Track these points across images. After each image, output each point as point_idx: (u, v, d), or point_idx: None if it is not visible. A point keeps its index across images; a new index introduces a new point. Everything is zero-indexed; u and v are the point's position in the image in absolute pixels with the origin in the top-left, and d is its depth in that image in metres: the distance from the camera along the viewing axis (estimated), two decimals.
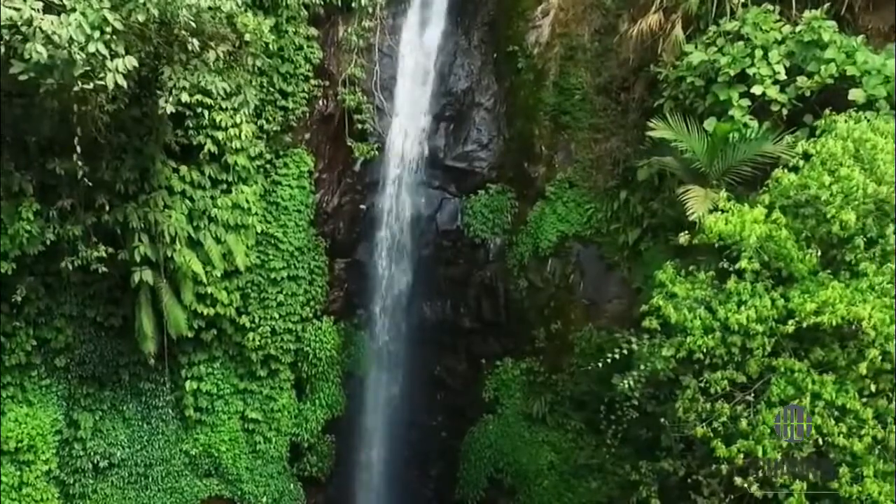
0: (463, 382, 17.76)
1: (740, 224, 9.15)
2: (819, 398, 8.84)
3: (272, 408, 17.67)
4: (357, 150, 16.39)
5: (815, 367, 9.12)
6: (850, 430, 8.60)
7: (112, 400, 16.83)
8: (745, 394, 9.51)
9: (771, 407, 9.13)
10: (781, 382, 9.17)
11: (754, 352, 9.34)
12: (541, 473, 16.61)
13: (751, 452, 9.05)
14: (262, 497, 17.94)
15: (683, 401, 9.98)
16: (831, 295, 8.58)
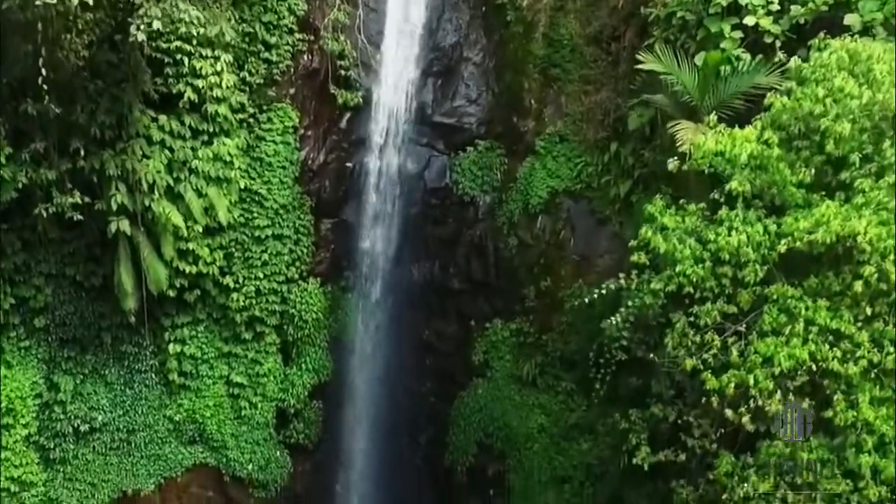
0: (452, 346, 17.38)
1: (731, 143, 8.78)
2: (812, 324, 8.47)
3: (257, 372, 17.30)
4: (341, 97, 16.01)
5: (808, 295, 8.74)
6: (845, 355, 8.23)
7: (93, 364, 16.47)
8: (737, 325, 9.13)
9: (763, 336, 8.76)
10: (774, 311, 8.80)
11: (745, 280, 8.96)
12: (531, 437, 16.24)
13: (742, 383, 8.68)
14: (247, 464, 17.58)
15: (673, 336, 9.60)
16: (825, 213, 8.22)
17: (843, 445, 8.25)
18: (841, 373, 8.23)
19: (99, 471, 16.71)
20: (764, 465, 8.69)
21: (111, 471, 16.80)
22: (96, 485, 16.67)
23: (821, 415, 8.48)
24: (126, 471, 16.93)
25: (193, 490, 17.73)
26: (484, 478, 16.92)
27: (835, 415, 8.25)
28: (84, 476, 16.59)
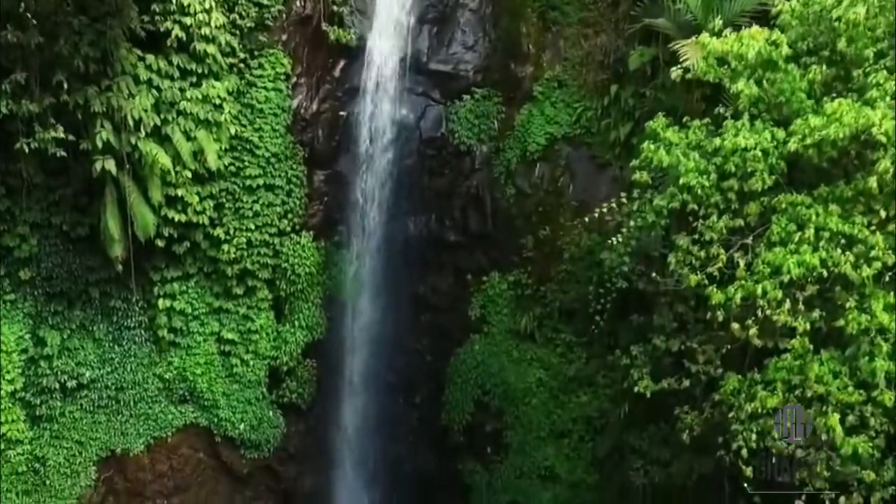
0: (449, 301, 16.97)
1: (738, 44, 8.38)
2: (823, 230, 8.08)
3: (249, 328, 16.89)
4: (333, 34, 15.58)
5: (818, 203, 8.36)
6: (858, 260, 7.84)
7: (81, 319, 16.07)
8: (743, 239, 8.74)
9: (771, 247, 8.38)
10: (782, 221, 8.42)
11: (753, 190, 8.58)
12: (529, 392, 15.87)
13: (750, 295, 8.29)
14: (239, 424, 17.18)
15: (677, 254, 9.21)
16: (837, 109, 7.82)
17: (856, 355, 7.87)
18: (853, 279, 7.84)
19: (86, 429, 16.31)
20: (772, 381, 8.29)
21: (99, 429, 16.40)
22: (84, 443, 16.27)
23: (831, 325, 8.09)
24: (114, 429, 16.53)
25: (184, 451, 17.33)
26: (482, 435, 16.54)
27: (847, 323, 7.86)
28: (71, 434, 16.19)
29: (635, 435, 13.02)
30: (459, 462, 16.94)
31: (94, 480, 16.42)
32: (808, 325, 8.03)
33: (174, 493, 17.31)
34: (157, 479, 17.13)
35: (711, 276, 8.72)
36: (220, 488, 17.72)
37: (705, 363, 9.57)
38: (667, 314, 10.85)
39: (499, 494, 16.20)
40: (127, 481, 16.93)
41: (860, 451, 7.61)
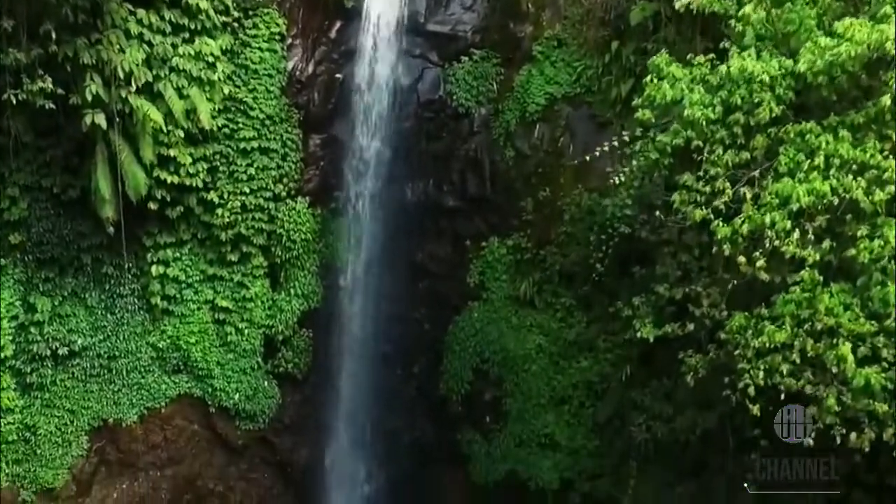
0: (447, 268, 16.69)
1: None
2: (834, 157, 7.79)
3: (244, 296, 16.61)
4: None
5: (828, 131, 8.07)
6: (870, 186, 7.56)
7: (73, 287, 15.82)
8: (750, 172, 8.46)
9: (779, 178, 8.09)
10: (791, 151, 8.14)
11: (759, 121, 8.29)
12: (528, 358, 15.57)
13: (757, 228, 8.01)
14: (234, 394, 16.91)
15: (681, 191, 8.92)
16: (849, 27, 7.53)
17: (867, 284, 7.59)
18: (865, 207, 7.56)
19: (78, 398, 16.06)
20: (780, 316, 8.00)
21: (91, 398, 16.15)
22: (75, 412, 16.01)
23: (842, 256, 7.81)
24: (107, 399, 16.27)
25: (178, 422, 17.06)
26: (480, 404, 16.25)
27: (858, 252, 7.58)
28: (63, 402, 15.93)
29: (637, 391, 12.74)
30: (458, 432, 16.66)
31: (86, 450, 16.16)
32: (817, 256, 7.75)
33: (168, 464, 17.04)
34: (150, 450, 16.86)
35: (717, 210, 8.44)
36: (214, 460, 17.44)
37: (710, 306, 9.28)
38: (670, 263, 10.57)
39: (498, 464, 15.91)
40: (120, 452, 16.66)
41: (872, 382, 7.33)
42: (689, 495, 13.78)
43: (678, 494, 13.90)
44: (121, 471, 16.78)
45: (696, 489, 13.71)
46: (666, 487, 14.05)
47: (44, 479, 15.69)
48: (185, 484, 17.19)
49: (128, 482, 16.80)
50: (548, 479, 15.31)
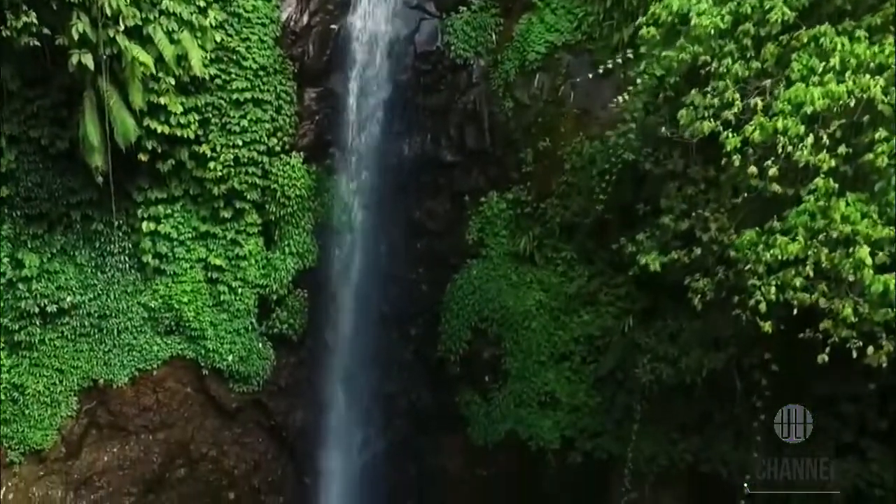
0: (445, 225, 16.32)
1: None
2: (850, 58, 7.42)
3: (237, 254, 16.25)
4: None
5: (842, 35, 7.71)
6: (888, 86, 7.19)
7: (62, 244, 15.46)
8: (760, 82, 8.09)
9: (791, 85, 7.72)
10: (804, 56, 7.76)
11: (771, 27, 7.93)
12: (528, 315, 15.21)
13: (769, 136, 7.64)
14: (227, 356, 16.55)
15: (688, 109, 8.56)
16: None
17: (886, 189, 7.22)
18: (883, 108, 7.20)
19: (68, 357, 15.69)
20: (792, 228, 7.64)
21: (81, 358, 15.78)
22: (65, 371, 15.65)
23: (859, 163, 7.45)
24: (97, 359, 15.90)
25: (170, 385, 16.69)
26: (479, 364, 15.88)
27: (876, 156, 7.22)
28: (52, 362, 15.57)
29: (641, 334, 12.37)
30: (456, 394, 16.30)
31: (76, 411, 15.79)
32: (832, 162, 7.39)
33: (160, 428, 16.67)
34: (141, 412, 16.50)
35: (727, 122, 8.07)
36: (207, 424, 17.08)
37: (718, 230, 8.92)
38: (675, 196, 10.20)
39: (497, 424, 15.55)
40: (110, 414, 16.29)
41: (891, 288, 6.97)
42: (692, 451, 13.45)
43: (681, 451, 13.57)
44: (111, 434, 16.41)
45: (700, 444, 13.37)
46: (669, 444, 13.71)
47: (32, 439, 15.32)
48: (178, 448, 16.82)
49: (118, 445, 16.44)
50: (548, 439, 14.95)
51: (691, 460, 13.44)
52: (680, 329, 11.02)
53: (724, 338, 10.41)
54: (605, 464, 14.51)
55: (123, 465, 16.37)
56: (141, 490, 16.51)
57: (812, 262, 7.44)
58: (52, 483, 15.67)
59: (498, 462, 15.76)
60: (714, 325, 10.64)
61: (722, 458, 13.05)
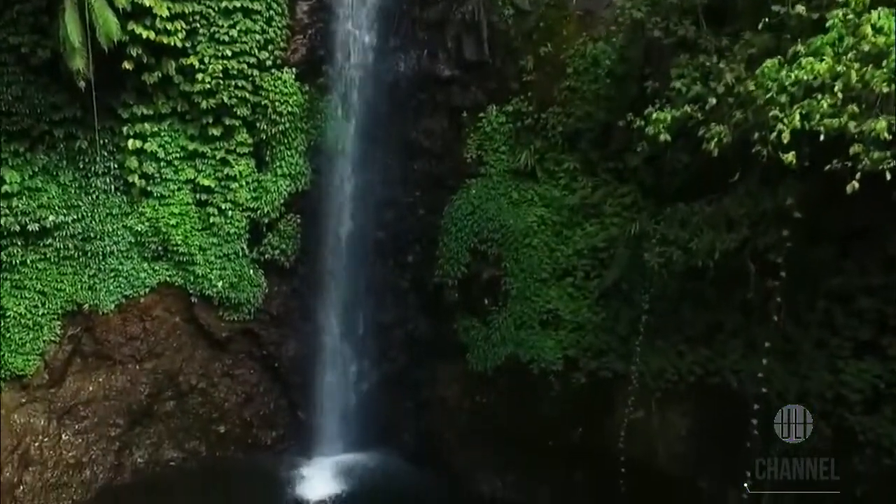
0: (443, 145, 15.77)
1: None
2: None
3: (227, 174, 15.68)
4: None
5: None
6: None
7: (45, 163, 14.94)
8: None
9: None
10: None
11: None
12: (529, 232, 14.63)
13: None
14: (217, 282, 15.98)
15: None
16: None
17: None
18: None
19: (51, 280, 15.13)
20: (818, 50, 7.07)
21: (65, 281, 15.21)
22: (47, 294, 15.07)
23: None
24: (82, 283, 15.33)
25: (158, 313, 16.13)
26: (478, 287, 15.31)
27: None
28: (34, 284, 15.01)
29: (649, 221, 11.80)
30: (454, 321, 15.72)
31: (59, 336, 15.22)
32: None
33: (147, 358, 16.10)
34: (128, 341, 15.94)
35: None
36: (197, 354, 16.52)
37: (736, 80, 8.34)
38: (686, 64, 9.61)
39: (497, 348, 14.97)
40: (96, 342, 15.71)
41: None
42: (701, 363, 12.89)
43: (689, 363, 13.01)
44: (97, 363, 15.83)
45: (709, 355, 12.81)
46: (677, 357, 13.15)
47: (13, 364, 14.74)
48: (166, 379, 16.24)
49: (104, 375, 15.86)
50: (551, 360, 14.37)
51: (700, 373, 12.86)
52: (691, 213, 10.44)
53: (737, 218, 9.84)
54: (610, 383, 13.94)
55: (109, 394, 15.78)
56: (127, 421, 15.92)
57: (841, 83, 6.87)
58: (35, 411, 15.07)
59: (498, 388, 15.19)
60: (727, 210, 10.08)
61: (732, 368, 12.49)
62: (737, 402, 12.45)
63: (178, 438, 16.50)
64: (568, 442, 14.60)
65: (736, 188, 10.23)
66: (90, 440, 15.53)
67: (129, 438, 16.07)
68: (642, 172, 13.19)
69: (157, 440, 16.37)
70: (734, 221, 10.03)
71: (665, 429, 13.54)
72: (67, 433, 15.37)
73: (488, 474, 15.66)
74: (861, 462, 11.58)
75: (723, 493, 12.77)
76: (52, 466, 14.99)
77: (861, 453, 11.51)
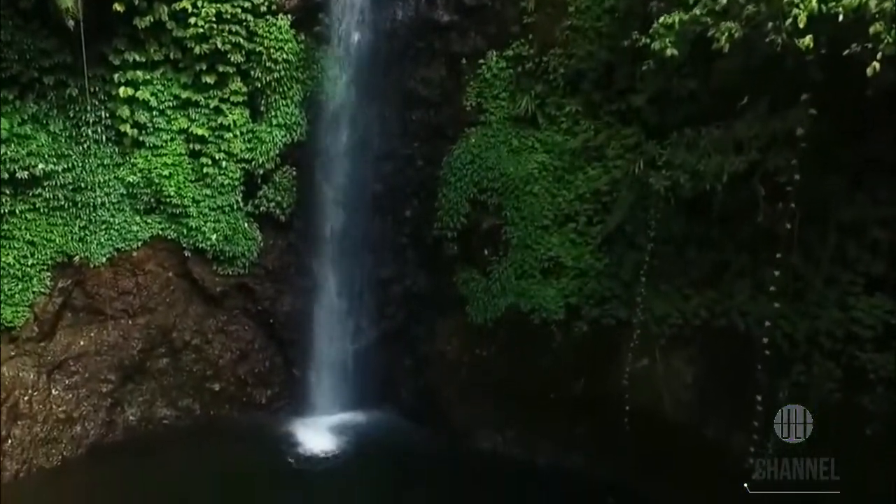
0: (441, 93, 15.42)
1: None
2: None
3: (221, 124, 15.30)
4: None
5: None
6: None
7: (34, 112, 14.54)
8: None
9: None
10: None
11: None
12: (530, 179, 14.31)
13: None
14: (211, 234, 15.62)
15: None
16: None
17: None
18: None
19: (40, 230, 14.72)
20: None
21: (55, 231, 14.82)
22: (36, 244, 14.68)
23: None
24: (72, 234, 14.95)
25: (151, 267, 15.77)
26: (478, 239, 14.99)
27: None
28: (23, 234, 14.62)
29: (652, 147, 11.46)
30: (454, 275, 15.39)
31: (49, 288, 14.81)
32: None
33: (140, 313, 15.74)
34: (120, 296, 15.57)
35: None
36: (190, 310, 16.16)
37: None
38: None
39: (497, 299, 14.64)
40: (87, 296, 15.35)
41: None
42: (707, 305, 12.59)
43: (695, 306, 12.70)
44: (88, 318, 15.47)
45: (715, 297, 12.51)
46: (682, 300, 12.85)
47: (2, 316, 14.35)
48: (159, 335, 15.89)
49: (96, 330, 15.49)
50: (552, 309, 14.06)
51: (706, 316, 12.57)
52: (698, 138, 10.11)
53: (746, 141, 9.52)
54: (613, 331, 13.63)
55: (101, 350, 15.41)
56: (119, 377, 15.56)
57: None
58: (24, 364, 14.69)
59: (498, 340, 14.87)
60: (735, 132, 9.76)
61: (739, 309, 12.19)
62: (743, 345, 12.15)
63: (172, 396, 16.14)
64: (570, 394, 14.29)
65: (744, 114, 9.93)
66: (81, 395, 15.17)
67: (122, 395, 15.71)
68: (646, 112, 12.89)
69: (149, 398, 16.01)
70: (743, 144, 9.71)
71: (670, 376, 13.25)
72: (58, 388, 15.01)
73: (488, 430, 15.34)
74: (872, 401, 11.31)
75: (729, 440, 12.49)
76: (42, 421, 14.62)
77: (872, 392, 11.23)
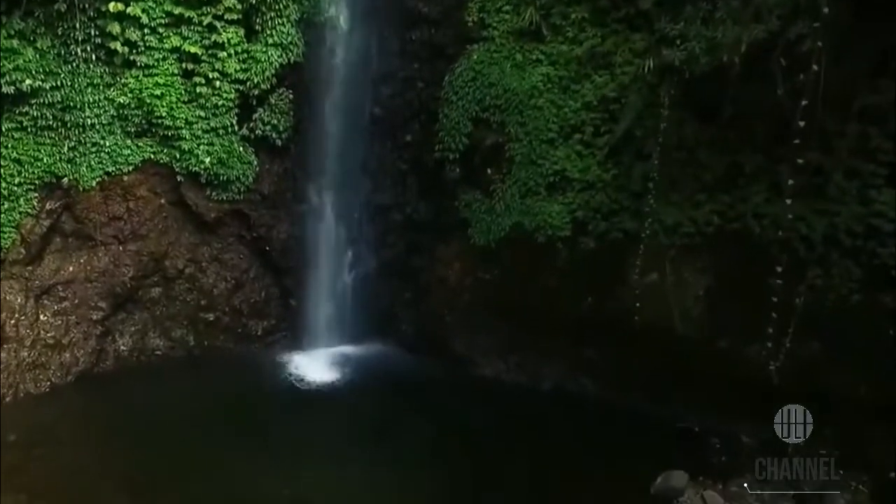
0: (442, 10, 14.89)
1: None
2: None
3: (214, 41, 14.78)
4: None
5: None
6: None
7: (21, 29, 13.94)
8: None
9: None
10: None
11: None
12: (534, 92, 13.81)
13: None
14: (204, 157, 15.13)
15: None
16: None
17: None
18: None
19: (27, 148, 14.20)
20: None
21: (42, 151, 14.29)
22: (23, 162, 14.16)
23: None
24: (61, 154, 14.42)
25: (142, 193, 15.26)
26: (480, 159, 14.50)
27: None
28: (8, 152, 14.09)
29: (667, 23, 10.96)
30: (456, 198, 14.89)
31: (36, 209, 14.31)
32: None
33: (131, 239, 15.24)
34: (111, 221, 15.08)
35: None
36: (183, 238, 15.67)
37: None
38: None
39: (501, 218, 14.16)
40: (76, 221, 14.85)
41: None
42: (719, 211, 12.12)
43: (707, 212, 12.23)
44: (78, 243, 14.96)
45: (728, 201, 12.04)
46: (693, 208, 12.37)
47: None
48: (151, 262, 15.38)
49: (86, 256, 14.98)
50: (558, 225, 13.59)
51: (719, 222, 12.11)
52: (714, 10, 9.63)
53: (766, 9, 9.03)
54: (621, 245, 13.15)
55: (91, 276, 14.90)
56: (110, 305, 15.05)
57: None
58: (11, 288, 14.19)
59: (501, 261, 14.39)
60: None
61: (754, 212, 11.74)
62: (757, 251, 11.72)
63: (165, 326, 15.64)
64: (576, 314, 13.81)
65: None
66: (70, 322, 14.65)
67: (113, 324, 15.20)
68: (654, 16, 12.39)
69: (141, 327, 15.50)
70: (762, 13, 9.22)
71: (681, 289, 12.80)
72: (46, 313, 14.50)
73: (491, 357, 14.89)
74: (894, 300, 10.88)
75: (742, 351, 12.05)
76: (30, 346, 14.12)
77: (894, 290, 10.80)
